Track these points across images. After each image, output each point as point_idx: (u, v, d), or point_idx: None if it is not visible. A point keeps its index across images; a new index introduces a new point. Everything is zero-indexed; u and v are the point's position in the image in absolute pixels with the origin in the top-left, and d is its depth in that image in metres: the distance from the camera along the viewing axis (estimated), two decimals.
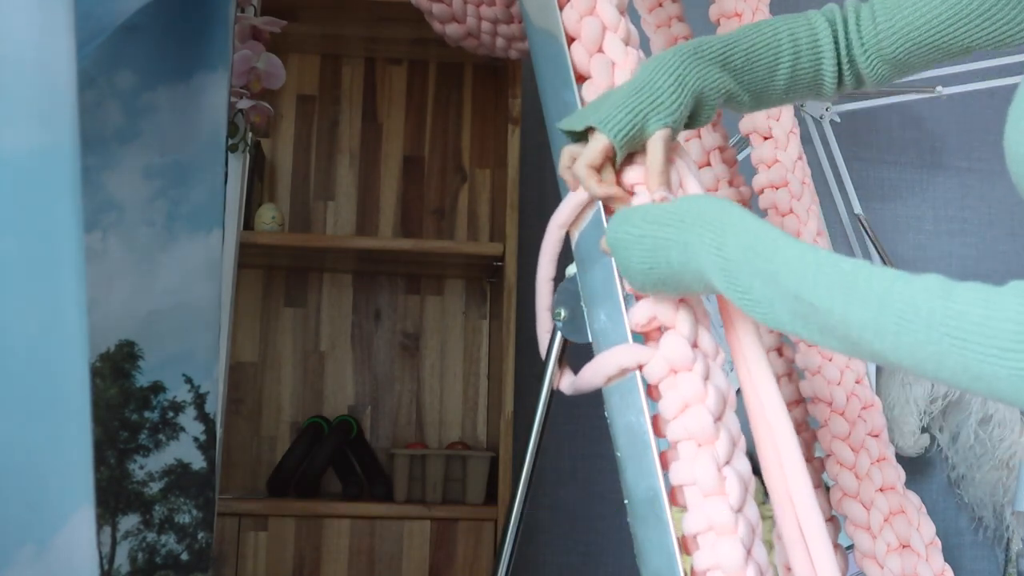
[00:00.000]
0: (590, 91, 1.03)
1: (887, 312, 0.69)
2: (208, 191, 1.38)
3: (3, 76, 0.56)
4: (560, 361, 1.10)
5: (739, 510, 0.85)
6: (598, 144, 0.94)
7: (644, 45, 1.16)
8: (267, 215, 2.20)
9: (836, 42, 1.06)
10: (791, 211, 1.47)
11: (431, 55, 2.46)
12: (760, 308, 0.79)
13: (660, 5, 1.54)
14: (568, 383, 1.10)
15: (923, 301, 0.68)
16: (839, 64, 1.06)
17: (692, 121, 1.00)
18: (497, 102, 2.47)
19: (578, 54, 1.03)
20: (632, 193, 0.96)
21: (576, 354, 1.08)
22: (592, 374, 0.98)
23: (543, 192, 2.46)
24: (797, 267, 0.75)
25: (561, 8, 1.04)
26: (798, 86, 1.06)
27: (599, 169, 0.96)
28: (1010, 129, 0.83)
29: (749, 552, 0.84)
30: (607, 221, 0.99)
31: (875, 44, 1.04)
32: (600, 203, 1.00)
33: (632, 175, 0.96)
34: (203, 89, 1.39)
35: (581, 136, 0.98)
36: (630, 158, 0.97)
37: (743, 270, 0.79)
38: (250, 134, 1.92)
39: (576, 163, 0.96)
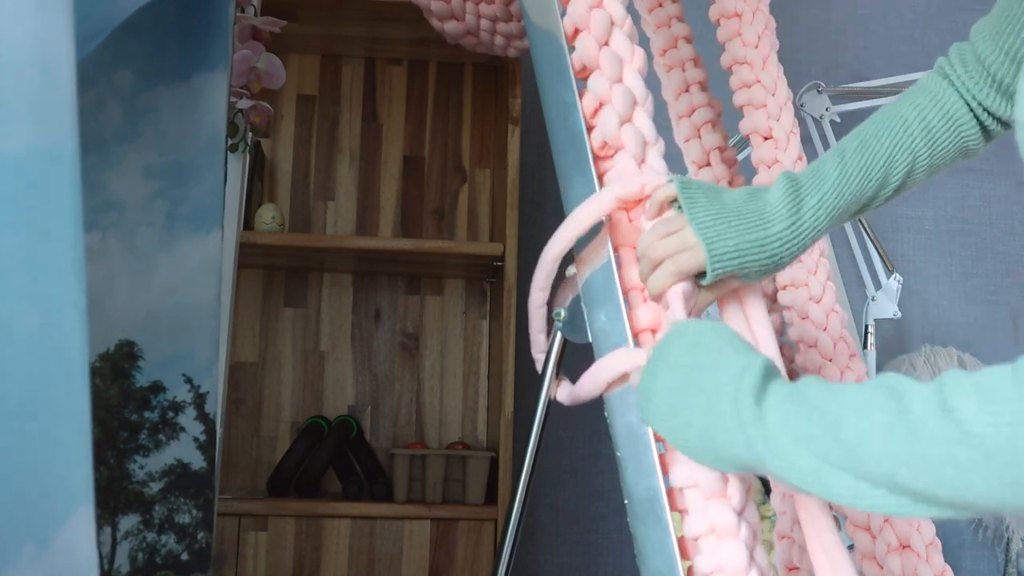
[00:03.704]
0: (599, 83, 1.01)
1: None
2: (208, 191, 1.38)
3: (3, 76, 0.56)
4: (558, 366, 1.09)
5: (741, 512, 0.85)
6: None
7: (644, 44, 1.16)
8: (267, 215, 2.20)
9: (966, 99, 0.96)
10: None
11: (431, 55, 2.46)
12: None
13: (660, 5, 1.54)
14: (566, 393, 1.09)
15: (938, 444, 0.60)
16: (980, 119, 0.96)
17: None
18: (497, 102, 2.47)
19: (587, 46, 1.01)
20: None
21: (573, 363, 1.07)
22: (591, 382, 0.97)
23: (543, 192, 2.46)
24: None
25: (565, 4, 1.03)
26: (940, 166, 0.97)
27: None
28: (1019, 96, 0.80)
29: (752, 555, 0.84)
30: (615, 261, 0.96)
31: (995, 76, 0.95)
32: (609, 244, 0.97)
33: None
34: (203, 89, 1.38)
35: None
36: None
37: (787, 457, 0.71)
38: (250, 134, 1.92)
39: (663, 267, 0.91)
